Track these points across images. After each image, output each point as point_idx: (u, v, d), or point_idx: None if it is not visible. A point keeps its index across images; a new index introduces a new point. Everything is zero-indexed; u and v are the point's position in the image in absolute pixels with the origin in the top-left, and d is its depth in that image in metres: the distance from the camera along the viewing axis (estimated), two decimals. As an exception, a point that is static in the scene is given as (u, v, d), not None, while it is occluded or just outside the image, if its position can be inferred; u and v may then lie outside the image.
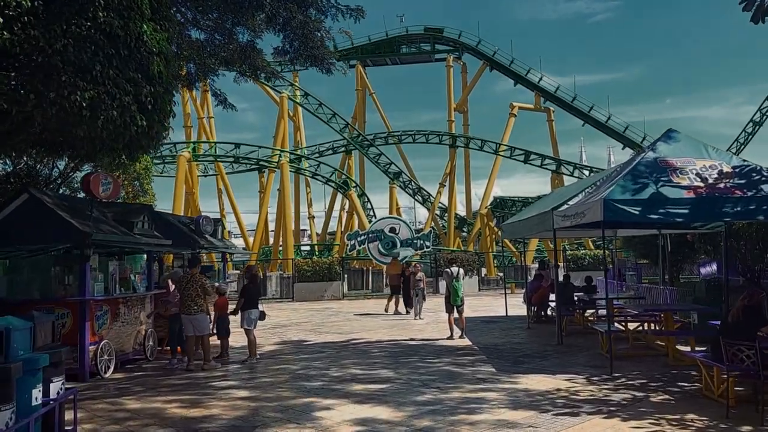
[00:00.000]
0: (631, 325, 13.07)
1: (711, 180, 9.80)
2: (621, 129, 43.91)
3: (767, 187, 9.43)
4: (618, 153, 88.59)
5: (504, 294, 19.69)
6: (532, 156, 41.15)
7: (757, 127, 49.01)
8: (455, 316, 13.94)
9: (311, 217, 49.51)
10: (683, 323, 12.28)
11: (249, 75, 17.81)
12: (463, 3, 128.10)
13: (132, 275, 12.14)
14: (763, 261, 14.11)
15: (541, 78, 44.74)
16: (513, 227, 16.66)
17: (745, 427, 6.49)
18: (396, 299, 21.00)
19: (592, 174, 37.60)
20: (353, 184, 38.97)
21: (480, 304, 22.49)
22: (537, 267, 20.45)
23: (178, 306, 11.02)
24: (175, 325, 11.31)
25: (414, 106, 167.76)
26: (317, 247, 46.67)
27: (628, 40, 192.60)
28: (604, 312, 15.56)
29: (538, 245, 38.19)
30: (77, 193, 20.21)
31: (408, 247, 29.22)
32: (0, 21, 6.44)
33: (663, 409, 7.27)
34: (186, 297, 10.69)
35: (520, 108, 43.80)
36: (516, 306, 19.13)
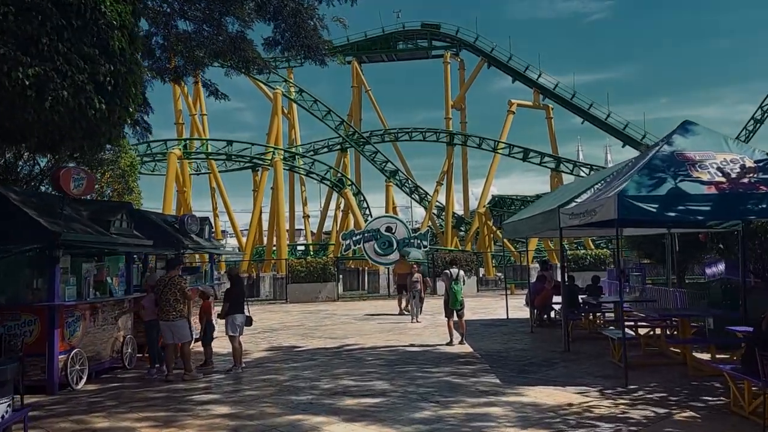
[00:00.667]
0: (641, 330, 12.32)
1: (733, 175, 9.04)
2: (621, 126, 43.19)
3: (795, 183, 8.67)
4: (615, 152, 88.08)
5: (505, 295, 18.90)
6: (531, 154, 40.36)
7: (759, 125, 48.48)
8: (455, 319, 13.16)
9: (306, 217, 48.66)
10: (697, 328, 11.51)
11: (240, 68, 17.02)
12: (460, 2, 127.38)
13: (109, 278, 11.32)
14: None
15: (540, 75, 43.99)
16: (515, 226, 15.89)
17: (788, 453, 5.73)
18: (399, 299, 20.88)
19: (592, 172, 36.87)
20: (349, 182, 38.13)
21: (479, 305, 21.71)
22: (538, 267, 19.62)
23: (155, 311, 10.20)
24: (153, 332, 10.49)
25: (411, 105, 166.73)
26: (312, 247, 45.86)
27: (623, 39, 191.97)
28: (611, 316, 14.94)
29: (537, 245, 37.38)
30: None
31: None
32: None
33: (691, 430, 6.49)
34: (164, 302, 9.88)
35: (518, 105, 43.00)
36: (517, 308, 18.36)
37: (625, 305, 14.02)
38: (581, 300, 15.05)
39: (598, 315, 14.88)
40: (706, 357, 9.95)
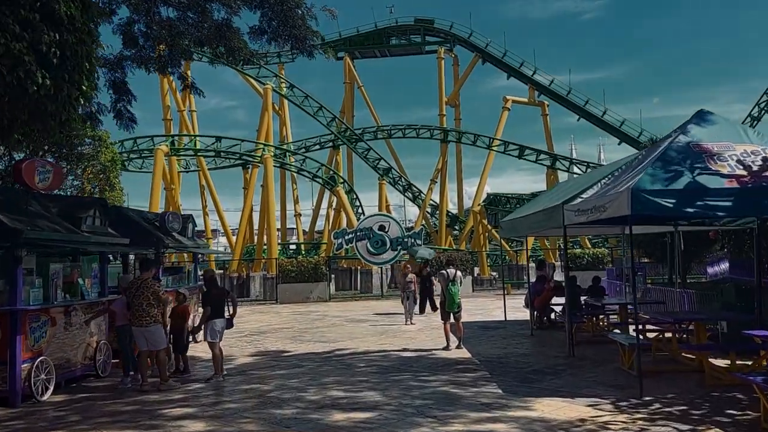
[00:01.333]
0: (648, 334, 11.64)
1: (755, 167, 8.31)
2: (617, 124, 42.60)
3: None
4: (609, 151, 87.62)
5: (503, 296, 18.18)
6: (526, 151, 39.69)
7: (756, 122, 47.97)
8: (452, 322, 12.42)
9: (297, 215, 47.83)
10: (710, 332, 10.82)
11: (226, 58, 16.24)
12: (453, 0, 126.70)
13: (81, 279, 10.52)
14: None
15: (535, 71, 43.37)
16: (513, 224, 15.15)
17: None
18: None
19: (589, 170, 36.23)
20: (341, 180, 37.34)
21: (475, 307, 20.98)
22: (535, 267, 18.88)
23: (127, 315, 9.41)
24: (125, 338, 9.70)
25: (404, 102, 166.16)
26: (304, 246, 45.07)
27: (616, 39, 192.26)
28: (614, 317, 14.25)
29: (533, 244, 36.69)
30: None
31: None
32: None
33: (721, 451, 5.78)
34: (136, 306, 9.09)
35: (513, 102, 42.34)
36: (514, 309, 17.68)
37: (630, 307, 13.33)
38: (583, 301, 14.35)
39: (601, 317, 14.16)
40: (720, 363, 9.25)
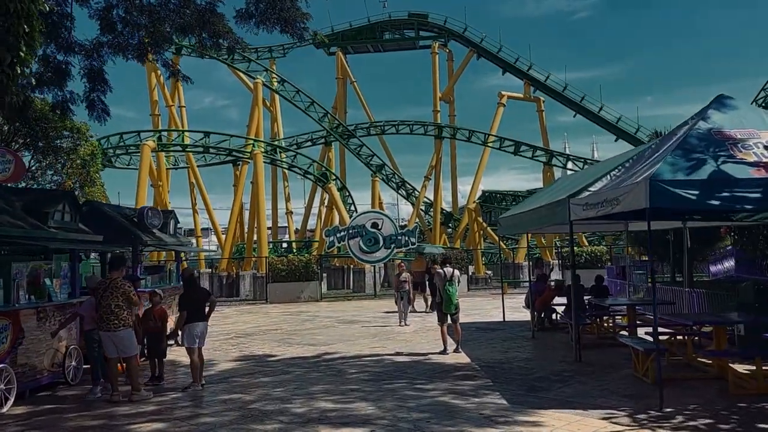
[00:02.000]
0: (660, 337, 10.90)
1: (784, 156, 7.60)
2: (614, 120, 41.89)
3: None
4: (602, 149, 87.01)
5: (501, 296, 17.43)
6: (522, 147, 38.96)
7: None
8: (449, 322, 11.66)
9: (289, 213, 46.92)
10: (728, 335, 10.08)
11: (210, 45, 15.41)
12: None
13: (48, 280, 9.70)
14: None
15: (531, 66, 42.66)
16: (514, 221, 14.43)
17: None
18: (414, 296, 19.50)
19: (586, 166, 35.56)
20: (333, 176, 36.50)
21: (472, 306, 20.23)
22: (532, 265, 18.10)
23: (95, 318, 8.58)
24: (94, 344, 8.88)
25: (397, 100, 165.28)
26: (296, 245, 44.23)
27: (608, 38, 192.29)
28: (620, 319, 13.52)
29: (529, 242, 35.95)
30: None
31: (393, 245, 27.00)
32: None
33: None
34: (104, 308, 8.27)
35: (509, 97, 41.62)
36: (512, 309, 16.97)
37: (638, 308, 12.60)
38: (586, 302, 13.61)
39: (606, 319, 13.43)
40: (740, 369, 8.52)
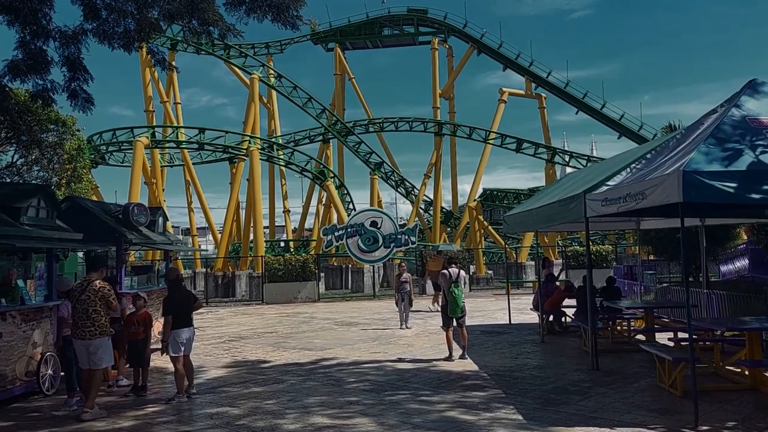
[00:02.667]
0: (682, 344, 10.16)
1: (829, 145, 6.86)
2: (617, 117, 41.11)
3: None
4: (601, 149, 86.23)
5: (507, 296, 16.69)
6: (524, 144, 38.14)
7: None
8: (454, 325, 10.91)
9: (286, 211, 46.09)
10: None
11: (200, 33, 14.67)
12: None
13: (21, 281, 8.94)
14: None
15: (532, 62, 41.88)
16: (521, 219, 13.66)
17: None
18: (435, 296, 19.74)
19: (590, 164, 34.81)
20: (331, 174, 35.68)
21: (475, 308, 19.47)
22: (541, 265, 17.25)
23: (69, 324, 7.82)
24: (70, 351, 8.11)
25: (396, 98, 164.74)
26: (293, 244, 43.46)
27: (606, 36, 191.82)
28: (635, 323, 12.77)
29: (532, 241, 35.20)
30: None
31: (393, 244, 26.31)
32: None
33: None
34: (80, 313, 7.49)
35: (510, 94, 40.77)
36: (517, 310, 16.26)
37: (653, 311, 11.87)
38: (597, 304, 12.84)
39: (620, 322, 12.69)
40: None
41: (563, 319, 14.07)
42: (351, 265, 33.39)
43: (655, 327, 11.03)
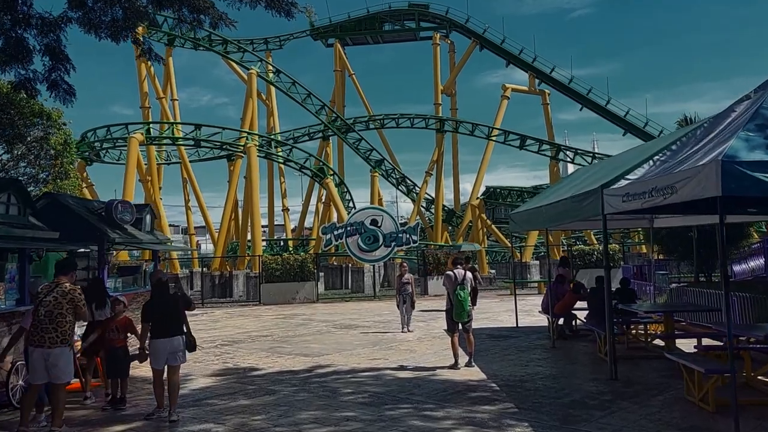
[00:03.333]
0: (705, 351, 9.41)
1: None
2: (622, 113, 40.31)
3: None
4: (603, 147, 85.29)
5: (513, 298, 15.95)
6: (528, 141, 37.37)
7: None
8: (460, 329, 10.16)
9: (285, 210, 45.34)
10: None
11: (190, 21, 13.94)
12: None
13: (-11, 283, 8.21)
14: None
15: (535, 58, 41.11)
16: (529, 216, 12.91)
17: None
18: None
19: (595, 161, 34.04)
20: (330, 171, 34.94)
21: (480, 309, 18.59)
22: (557, 264, 16.34)
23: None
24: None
25: (397, 95, 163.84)
26: (291, 243, 42.74)
27: (607, 35, 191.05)
28: (651, 328, 12.03)
29: (538, 238, 34.42)
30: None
31: (393, 243, 25.61)
32: None
33: None
34: (41, 317, 6.71)
35: (513, 90, 40.04)
36: (523, 312, 15.52)
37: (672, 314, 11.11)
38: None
39: (637, 327, 11.95)
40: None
41: (573, 323, 13.30)
42: (351, 265, 32.72)
43: (677, 332, 10.27)
